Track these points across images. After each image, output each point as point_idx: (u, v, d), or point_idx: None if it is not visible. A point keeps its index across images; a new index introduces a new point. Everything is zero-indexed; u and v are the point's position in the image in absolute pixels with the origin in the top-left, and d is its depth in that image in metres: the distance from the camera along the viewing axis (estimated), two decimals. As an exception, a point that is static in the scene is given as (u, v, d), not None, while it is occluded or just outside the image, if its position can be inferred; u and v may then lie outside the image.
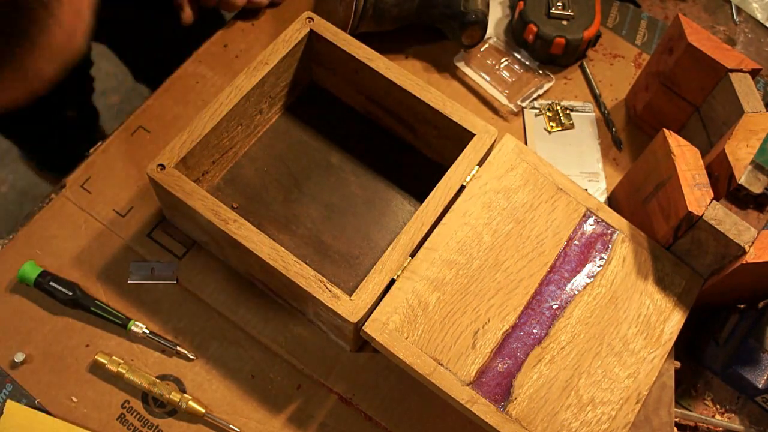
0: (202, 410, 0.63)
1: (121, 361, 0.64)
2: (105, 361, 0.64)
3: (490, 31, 0.88)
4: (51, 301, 0.67)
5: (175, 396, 0.63)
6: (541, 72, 0.85)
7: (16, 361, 0.64)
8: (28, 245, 0.70)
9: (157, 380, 0.64)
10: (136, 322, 0.66)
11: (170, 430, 0.63)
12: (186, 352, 0.66)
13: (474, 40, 0.81)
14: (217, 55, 0.82)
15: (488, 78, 0.83)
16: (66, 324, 0.67)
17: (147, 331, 0.66)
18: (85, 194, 0.73)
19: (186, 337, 0.67)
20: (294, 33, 0.70)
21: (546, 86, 0.84)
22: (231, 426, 0.63)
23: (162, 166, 0.62)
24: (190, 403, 0.63)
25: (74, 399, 0.64)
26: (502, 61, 0.84)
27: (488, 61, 0.84)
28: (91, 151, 0.76)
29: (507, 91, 0.82)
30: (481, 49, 0.85)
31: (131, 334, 0.66)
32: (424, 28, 0.84)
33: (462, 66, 0.83)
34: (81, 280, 0.68)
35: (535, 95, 0.83)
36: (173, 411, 0.64)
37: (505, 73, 0.83)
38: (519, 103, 0.82)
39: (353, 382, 0.66)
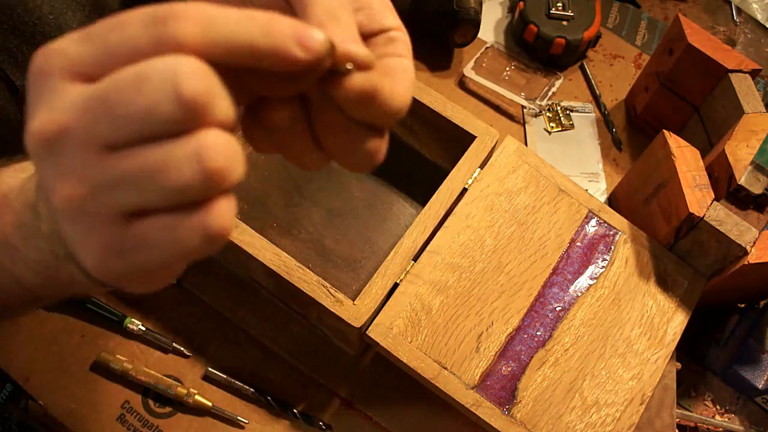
0: (209, 403, 0.63)
1: (125, 359, 0.64)
2: (109, 360, 0.64)
3: (490, 32, 0.88)
4: (47, 300, 0.67)
5: (182, 390, 0.63)
6: (547, 71, 0.84)
7: (16, 360, 0.64)
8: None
9: (163, 376, 0.64)
10: (132, 319, 0.66)
11: (170, 430, 0.63)
12: (182, 349, 0.66)
13: (466, 39, 0.81)
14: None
15: (500, 83, 0.82)
16: (64, 323, 0.66)
17: (143, 328, 0.65)
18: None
19: (186, 338, 0.67)
20: (294, 35, 0.70)
21: (557, 84, 0.83)
22: (238, 417, 0.63)
23: (163, 172, 0.62)
24: (197, 397, 0.63)
25: (74, 402, 0.63)
26: (509, 64, 0.84)
27: (496, 67, 0.84)
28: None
29: (523, 93, 0.82)
30: (488, 56, 0.84)
31: (128, 331, 0.66)
32: (422, 28, 0.84)
33: (473, 75, 0.82)
34: (81, 282, 0.68)
35: (549, 93, 0.83)
36: (173, 412, 0.64)
37: (516, 76, 0.83)
38: (539, 102, 0.82)
39: (354, 384, 0.66)
